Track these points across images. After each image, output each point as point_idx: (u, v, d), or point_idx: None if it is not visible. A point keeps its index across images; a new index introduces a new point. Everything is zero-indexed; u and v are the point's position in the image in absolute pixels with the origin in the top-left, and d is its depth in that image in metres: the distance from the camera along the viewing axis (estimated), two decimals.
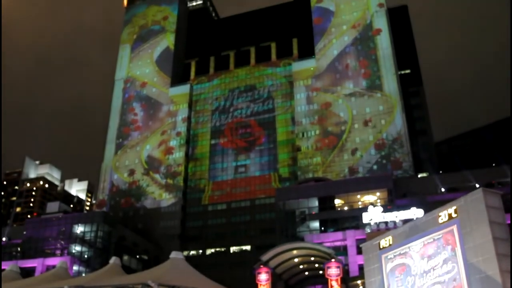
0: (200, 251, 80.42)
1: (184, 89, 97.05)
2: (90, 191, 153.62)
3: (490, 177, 52.00)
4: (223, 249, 79.05)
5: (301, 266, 35.97)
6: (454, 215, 26.23)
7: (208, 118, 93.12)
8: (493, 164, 58.73)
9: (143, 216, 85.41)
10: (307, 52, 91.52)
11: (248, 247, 76.82)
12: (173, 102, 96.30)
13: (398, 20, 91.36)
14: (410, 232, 28.94)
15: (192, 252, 79.51)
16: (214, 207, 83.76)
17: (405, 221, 40.38)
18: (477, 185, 37.33)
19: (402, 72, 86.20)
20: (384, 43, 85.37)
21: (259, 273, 33.71)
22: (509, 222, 24.50)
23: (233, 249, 78.50)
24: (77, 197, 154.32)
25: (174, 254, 33.23)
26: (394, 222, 41.58)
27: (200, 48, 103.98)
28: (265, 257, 33.86)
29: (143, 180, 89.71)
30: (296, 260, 34.82)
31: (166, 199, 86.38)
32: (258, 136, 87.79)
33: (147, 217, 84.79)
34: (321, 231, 53.96)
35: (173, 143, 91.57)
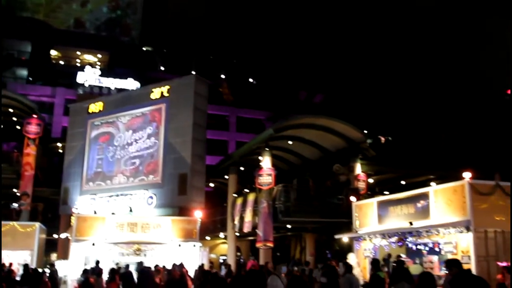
0: None
1: None
2: None
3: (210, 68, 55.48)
4: None
5: None
6: (166, 94, 26.64)
7: None
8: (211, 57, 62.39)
9: None
10: None
11: None
12: None
13: None
14: (122, 102, 28.81)
15: None
16: None
17: (120, 90, 40.56)
18: (193, 72, 39.41)
19: None
20: None
21: None
22: None
23: None
24: None
25: None
26: (109, 89, 41.35)
27: None
28: None
29: None
30: None
31: None
32: None
33: None
34: (28, 82, 49.72)
35: None
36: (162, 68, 55.23)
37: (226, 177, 28.90)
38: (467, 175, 14.55)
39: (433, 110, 47.57)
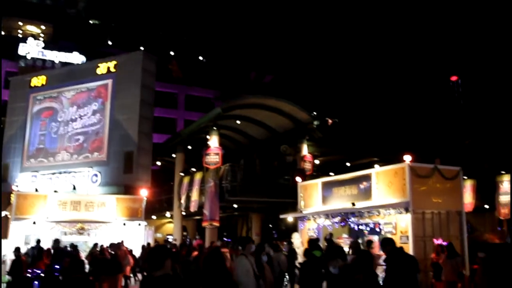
0: None
1: None
2: None
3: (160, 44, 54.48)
4: None
5: None
6: (112, 69, 26.21)
7: None
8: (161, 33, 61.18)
9: None
10: None
11: None
12: None
13: None
14: (67, 76, 28.05)
15: None
16: None
17: (64, 64, 39.35)
18: (142, 48, 38.62)
19: None
20: None
21: None
22: None
23: None
24: None
25: None
26: (53, 62, 40.00)
27: None
28: None
29: None
30: None
31: None
32: None
33: None
34: None
35: None
36: (110, 43, 53.67)
37: (174, 155, 28.66)
38: (407, 158, 14.99)
39: (380, 94, 48.64)
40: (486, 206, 25.34)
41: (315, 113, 28.33)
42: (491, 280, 7.92)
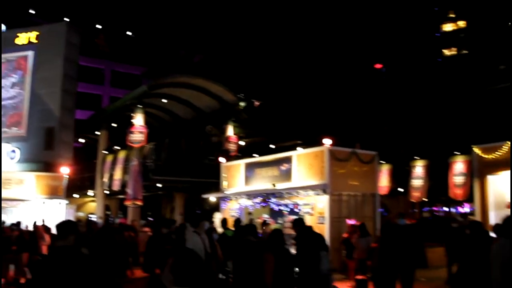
0: None
1: None
2: None
3: (86, 17, 52.45)
4: None
5: None
6: (33, 40, 25.01)
7: None
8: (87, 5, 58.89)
9: None
10: None
11: None
12: None
13: None
14: None
15: None
16: None
17: None
18: (67, 19, 37.01)
19: None
20: None
21: None
22: None
23: None
24: None
25: None
26: None
27: None
28: None
29: None
30: None
31: None
32: None
33: None
34: None
35: None
36: (32, 12, 50.96)
37: (97, 133, 27.95)
38: (327, 141, 15.60)
39: (306, 78, 49.59)
40: (401, 190, 26.70)
41: (242, 94, 28.57)
42: (381, 256, 8.54)
